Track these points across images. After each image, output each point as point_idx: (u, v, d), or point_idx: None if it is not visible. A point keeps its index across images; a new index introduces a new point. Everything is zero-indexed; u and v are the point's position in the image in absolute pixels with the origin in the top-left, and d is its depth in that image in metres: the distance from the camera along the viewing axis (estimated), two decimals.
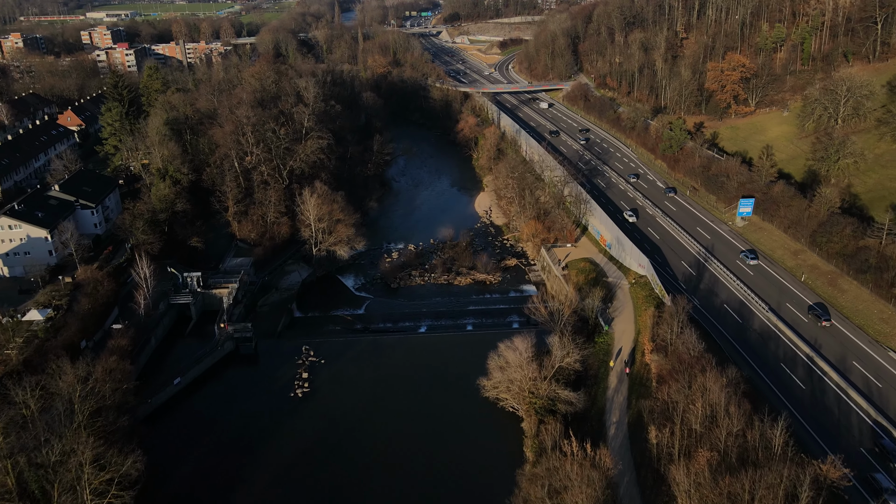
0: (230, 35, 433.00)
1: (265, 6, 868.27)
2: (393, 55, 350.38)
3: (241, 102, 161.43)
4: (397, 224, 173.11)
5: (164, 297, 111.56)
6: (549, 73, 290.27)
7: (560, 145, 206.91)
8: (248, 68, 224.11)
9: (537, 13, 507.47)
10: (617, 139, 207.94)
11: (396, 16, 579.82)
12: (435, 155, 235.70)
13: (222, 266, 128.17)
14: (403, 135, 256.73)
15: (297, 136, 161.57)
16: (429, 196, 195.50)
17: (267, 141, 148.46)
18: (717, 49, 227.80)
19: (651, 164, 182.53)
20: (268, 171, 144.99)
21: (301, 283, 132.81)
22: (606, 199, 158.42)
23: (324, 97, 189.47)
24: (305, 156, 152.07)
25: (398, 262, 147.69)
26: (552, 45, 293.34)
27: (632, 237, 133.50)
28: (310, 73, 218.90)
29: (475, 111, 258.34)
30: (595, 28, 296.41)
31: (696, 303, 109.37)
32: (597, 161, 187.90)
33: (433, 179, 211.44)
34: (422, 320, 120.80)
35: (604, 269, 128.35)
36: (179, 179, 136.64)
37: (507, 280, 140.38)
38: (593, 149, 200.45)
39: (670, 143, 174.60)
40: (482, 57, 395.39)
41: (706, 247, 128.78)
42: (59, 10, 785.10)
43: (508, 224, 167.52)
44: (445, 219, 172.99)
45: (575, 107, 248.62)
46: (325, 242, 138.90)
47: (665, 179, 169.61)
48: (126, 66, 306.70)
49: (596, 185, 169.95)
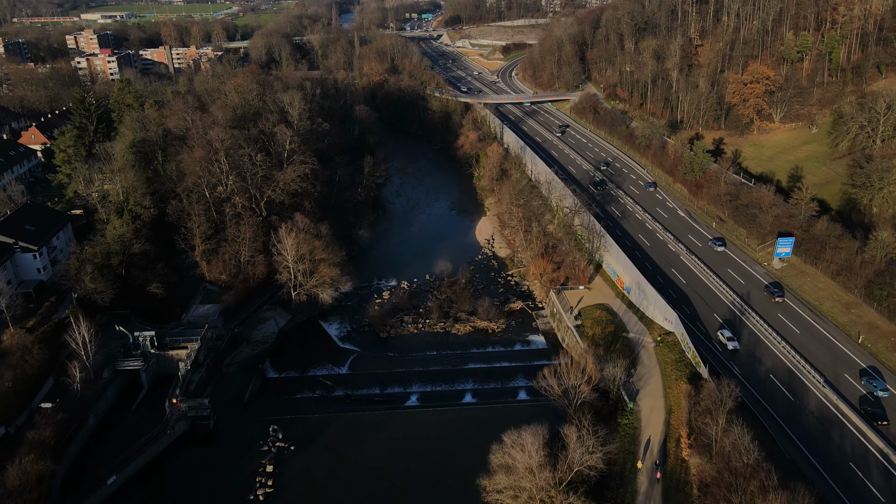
0: (222, 39, 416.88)
1: (263, 7, 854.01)
2: (391, 61, 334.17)
3: (215, 123, 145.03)
4: (390, 255, 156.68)
5: (109, 363, 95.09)
6: (556, 83, 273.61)
7: (569, 164, 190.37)
8: (231, 79, 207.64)
9: (541, 16, 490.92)
10: (630, 157, 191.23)
11: (396, 18, 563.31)
12: (433, 172, 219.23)
13: (186, 316, 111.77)
14: (400, 149, 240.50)
15: (278, 159, 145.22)
16: (426, 221, 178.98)
17: (242, 168, 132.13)
18: (736, 58, 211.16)
19: (670, 187, 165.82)
20: (242, 203, 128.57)
21: (277, 333, 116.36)
22: (623, 232, 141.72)
23: (311, 114, 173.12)
24: (286, 184, 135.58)
25: (389, 304, 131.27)
26: (558, 52, 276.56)
27: (653, 280, 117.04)
28: (298, 84, 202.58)
29: (476, 124, 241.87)
30: (603, 34, 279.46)
31: (735, 370, 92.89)
32: (609, 184, 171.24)
33: (431, 201, 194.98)
34: (413, 384, 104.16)
35: (623, 321, 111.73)
36: (140, 214, 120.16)
37: (512, 328, 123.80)
38: (603, 168, 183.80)
39: (692, 165, 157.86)
40: (484, 62, 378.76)
41: (741, 294, 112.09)
42: (53, 11, 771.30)
43: (513, 257, 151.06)
44: (443, 249, 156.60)
45: (583, 120, 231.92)
46: (305, 285, 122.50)
47: (687, 207, 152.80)
48: (108, 75, 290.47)
49: (610, 213, 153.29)
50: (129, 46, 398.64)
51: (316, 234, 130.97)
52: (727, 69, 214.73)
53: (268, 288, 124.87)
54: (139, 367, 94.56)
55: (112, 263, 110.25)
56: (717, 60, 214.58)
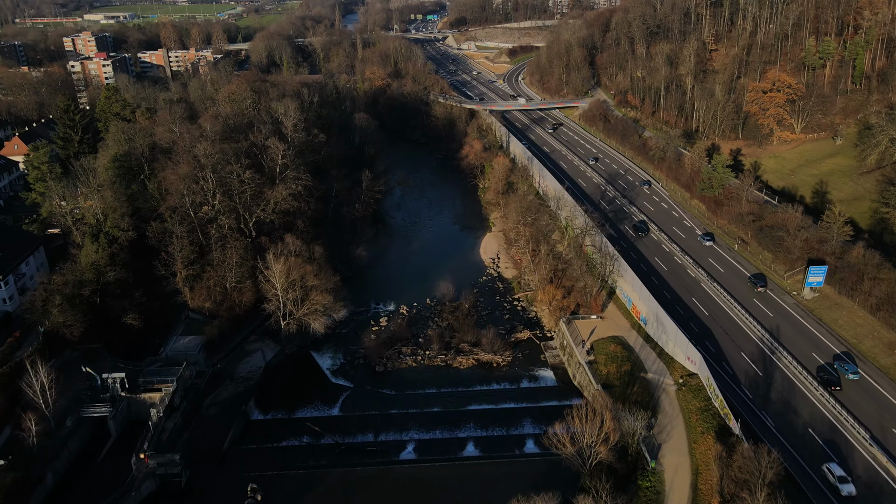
0: (222, 41, 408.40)
1: (268, 7, 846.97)
2: (394, 65, 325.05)
3: (203, 135, 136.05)
4: (389, 275, 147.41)
5: (74, 408, 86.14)
6: (564, 88, 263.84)
7: (578, 176, 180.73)
8: (226, 85, 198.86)
9: (548, 17, 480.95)
10: (644, 170, 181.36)
11: (401, 19, 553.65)
12: (436, 183, 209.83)
13: (164, 350, 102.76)
14: (402, 158, 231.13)
15: (270, 175, 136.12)
16: (427, 237, 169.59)
17: (230, 186, 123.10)
18: (753, 64, 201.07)
19: (686, 204, 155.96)
20: (229, 224, 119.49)
21: (264, 368, 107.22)
22: (637, 255, 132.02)
23: (307, 124, 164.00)
24: (276, 203, 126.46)
25: (386, 333, 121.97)
26: (567, 56, 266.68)
27: (672, 311, 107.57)
28: (295, 91, 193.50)
29: (482, 131, 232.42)
30: (613, 38, 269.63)
31: (769, 422, 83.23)
32: (622, 199, 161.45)
33: (433, 214, 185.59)
34: (410, 430, 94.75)
35: (640, 358, 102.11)
36: (117, 237, 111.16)
37: (519, 361, 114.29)
38: (617, 182, 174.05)
39: (710, 181, 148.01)
40: (490, 66, 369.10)
41: (770, 330, 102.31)
42: (56, 12, 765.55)
43: (520, 278, 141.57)
44: (445, 269, 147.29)
45: (593, 128, 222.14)
46: (296, 314, 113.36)
47: (705, 227, 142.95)
48: (103, 79, 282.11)
49: (623, 232, 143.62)
50: (128, 49, 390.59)
51: (308, 258, 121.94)
52: (744, 75, 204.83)
53: (256, 316, 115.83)
54: (106, 413, 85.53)
55: (84, 293, 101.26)
56: (734, 66, 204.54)
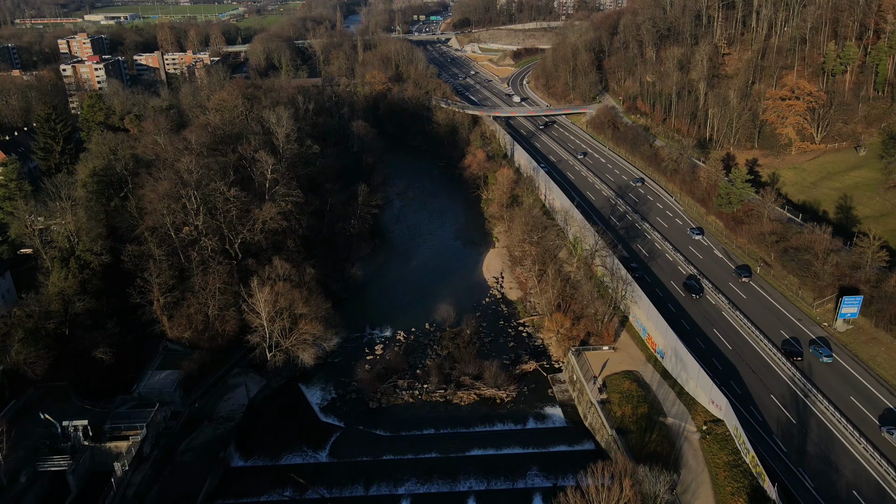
0: (220, 43, 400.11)
1: (270, 8, 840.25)
2: (395, 68, 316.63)
3: (187, 148, 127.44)
4: (387, 296, 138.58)
5: (30, 461, 77.54)
6: (570, 93, 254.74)
7: (586, 188, 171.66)
8: (219, 91, 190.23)
9: (553, 19, 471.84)
10: (656, 182, 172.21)
11: (403, 20, 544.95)
12: (437, 193, 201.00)
13: (138, 388, 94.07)
14: (402, 166, 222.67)
15: (259, 191, 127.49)
16: (428, 253, 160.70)
17: (214, 204, 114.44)
18: (768, 68, 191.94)
19: (702, 219, 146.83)
20: (212, 246, 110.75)
21: (247, 405, 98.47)
22: (652, 278, 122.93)
23: (300, 134, 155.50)
24: (264, 223, 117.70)
25: (381, 363, 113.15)
26: (573, 60, 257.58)
27: (692, 343, 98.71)
28: (290, 98, 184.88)
29: (485, 139, 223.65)
30: (622, 41, 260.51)
31: (807, 482, 74.17)
32: (633, 215, 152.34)
33: (434, 228, 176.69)
34: (404, 480, 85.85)
35: (658, 398, 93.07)
36: (89, 262, 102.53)
37: (524, 396, 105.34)
38: (628, 195, 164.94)
39: (729, 197, 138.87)
40: (494, 69, 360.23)
41: (802, 370, 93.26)
42: (57, 13, 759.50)
43: (525, 300, 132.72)
44: (446, 289, 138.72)
45: (601, 136, 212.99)
46: (283, 344, 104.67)
47: (724, 246, 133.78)
48: (95, 83, 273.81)
49: (636, 251, 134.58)
50: (125, 51, 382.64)
51: (298, 282, 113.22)
52: (759, 81, 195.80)
53: (240, 346, 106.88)
54: (65, 467, 76.87)
55: (49, 326, 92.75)
56: (748, 71, 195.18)
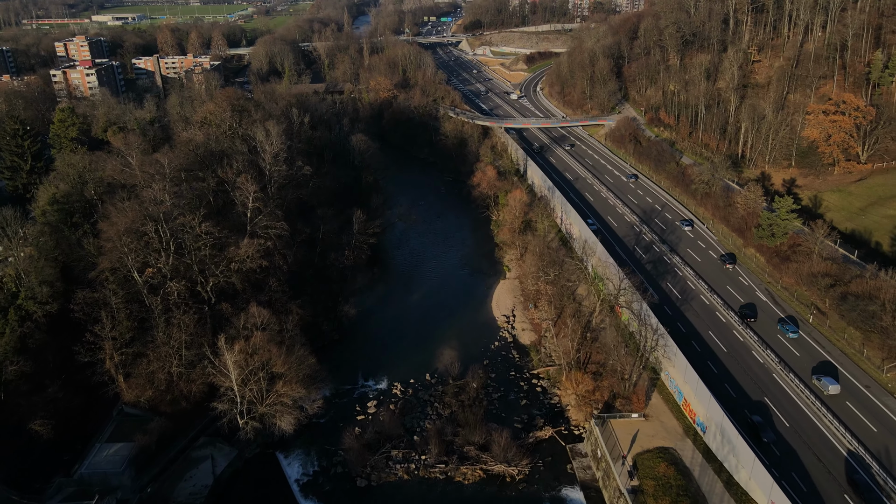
0: (222, 46, 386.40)
1: (279, 8, 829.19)
2: (402, 73, 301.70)
3: (159, 173, 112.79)
4: (383, 338, 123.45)
5: None
6: (587, 103, 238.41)
7: (607, 213, 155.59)
8: (210, 101, 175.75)
9: (568, 21, 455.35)
10: (683, 205, 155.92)
11: (413, 22, 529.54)
12: (444, 213, 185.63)
13: (79, 469, 79.64)
14: (407, 181, 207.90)
15: (239, 221, 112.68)
16: (431, 284, 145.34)
17: (183, 241, 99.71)
18: (806, 78, 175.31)
19: (739, 252, 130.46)
20: (179, 291, 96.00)
21: (213, 484, 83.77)
22: (688, 327, 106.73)
23: (292, 151, 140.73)
24: (241, 262, 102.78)
25: (374, 426, 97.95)
26: (591, 67, 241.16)
27: (739, 415, 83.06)
28: (282, 111, 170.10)
29: (496, 152, 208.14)
30: (642, 46, 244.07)
31: None
32: (660, 245, 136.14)
33: (439, 252, 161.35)
34: None
35: (701, 488, 77.11)
36: (32, 313, 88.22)
37: (539, 473, 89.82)
38: (653, 221, 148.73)
39: (771, 229, 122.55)
40: (506, 74, 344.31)
41: (875, 453, 77.15)
42: (64, 13, 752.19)
43: (539, 346, 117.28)
44: (450, 330, 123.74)
45: (622, 150, 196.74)
46: (257, 409, 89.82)
47: (768, 286, 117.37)
48: (87, 90, 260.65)
49: (666, 291, 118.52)
50: (124, 54, 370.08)
51: (279, 330, 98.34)
52: (794, 91, 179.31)
53: (209, 409, 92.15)
54: None
55: None
56: (783, 81, 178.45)
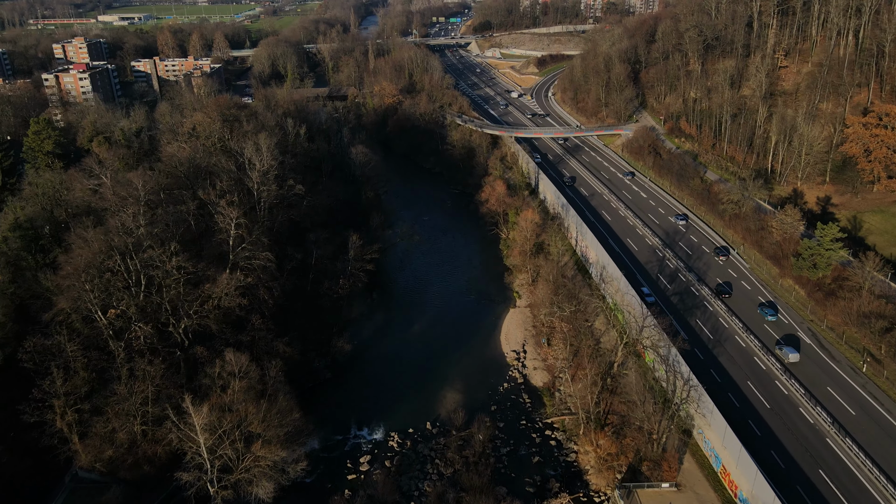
0: (224, 47, 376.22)
1: (287, 8, 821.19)
2: (408, 77, 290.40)
3: (132, 196, 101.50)
4: (380, 376, 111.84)
5: None
6: (602, 110, 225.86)
7: (626, 234, 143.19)
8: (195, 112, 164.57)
9: (580, 22, 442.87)
10: (708, 224, 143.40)
11: (422, 22, 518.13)
12: (449, 229, 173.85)
13: None
14: (411, 193, 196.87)
15: (220, 250, 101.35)
16: (435, 312, 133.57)
17: (154, 276, 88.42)
18: (840, 86, 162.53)
19: (773, 283, 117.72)
20: (146, 335, 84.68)
21: None
22: (724, 376, 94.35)
23: (282, 170, 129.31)
24: (219, 300, 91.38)
25: (366, 488, 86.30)
26: (606, 73, 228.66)
27: (791, 493, 70.74)
28: (277, 122, 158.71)
29: (505, 162, 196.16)
30: (661, 50, 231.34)
31: None
32: (687, 273, 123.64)
33: (444, 274, 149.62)
34: None
35: None
36: None
37: None
38: (677, 244, 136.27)
39: (813, 259, 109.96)
40: (516, 77, 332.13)
41: None
42: (70, 13, 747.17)
43: (553, 390, 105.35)
44: (454, 367, 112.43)
45: (640, 163, 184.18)
46: (231, 476, 78.37)
47: (811, 326, 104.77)
48: (80, 95, 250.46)
49: (695, 329, 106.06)
50: (124, 56, 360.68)
51: (259, 378, 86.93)
52: (825, 99, 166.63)
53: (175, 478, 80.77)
54: None
55: None
56: (817, 89, 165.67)
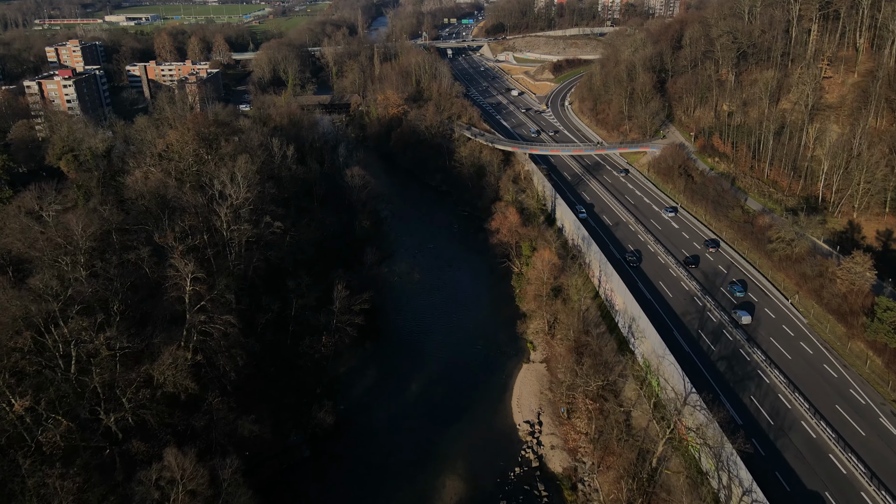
0: (225, 51, 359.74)
1: (297, 9, 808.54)
2: (415, 83, 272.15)
3: (71, 244, 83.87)
4: (368, 457, 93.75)
5: None
6: (625, 123, 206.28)
7: (658, 276, 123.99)
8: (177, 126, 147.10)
9: (597, 24, 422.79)
10: (752, 264, 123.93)
11: (433, 23, 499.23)
12: (455, 259, 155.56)
13: None
14: (415, 216, 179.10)
15: (172, 311, 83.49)
16: (437, 367, 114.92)
17: (78, 355, 70.74)
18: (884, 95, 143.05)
19: (840, 346, 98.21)
20: (61, 434, 66.92)
21: None
22: (795, 484, 75.12)
23: (260, 201, 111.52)
24: (164, 379, 73.41)
25: None
26: (629, 82, 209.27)
27: None
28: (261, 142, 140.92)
29: (519, 185, 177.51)
30: (688, 57, 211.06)
31: None
32: (733, 330, 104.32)
33: (449, 317, 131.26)
34: None
35: None
36: None
37: None
38: (717, 290, 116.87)
39: (893, 325, 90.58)
40: (530, 83, 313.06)
41: None
42: (77, 13, 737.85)
43: (574, 479, 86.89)
44: (457, 443, 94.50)
45: (670, 185, 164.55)
46: None
47: (893, 409, 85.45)
48: (64, 103, 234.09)
49: (752, 412, 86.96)
50: (120, 60, 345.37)
51: (210, 481, 69.02)
52: (879, 115, 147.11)
53: None
54: None
55: None
56: (870, 103, 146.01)
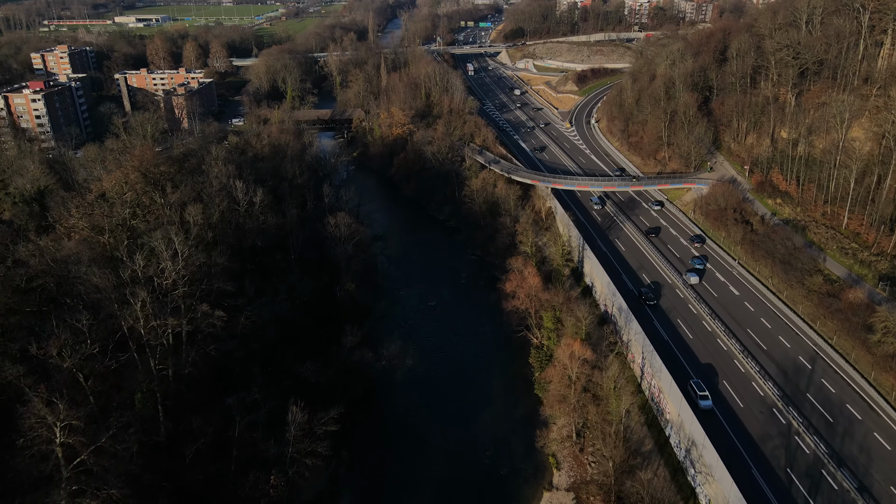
0: (223, 57, 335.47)
1: (311, 10, 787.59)
2: (425, 97, 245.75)
3: None
4: None
5: None
6: (662, 150, 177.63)
7: (722, 368, 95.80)
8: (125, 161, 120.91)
9: (624, 29, 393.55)
10: (845, 357, 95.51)
11: (449, 27, 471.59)
12: (462, 327, 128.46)
13: None
14: (415, 262, 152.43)
15: (41, 471, 57.26)
16: (428, 500, 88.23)
17: None
18: None
19: None
20: None
21: None
22: None
23: (207, 272, 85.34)
24: None
25: None
26: (667, 100, 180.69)
27: None
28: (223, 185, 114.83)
29: (539, 223, 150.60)
30: (735, 72, 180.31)
31: None
32: (836, 467, 76.28)
33: (450, 412, 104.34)
34: None
35: None
36: None
37: None
38: (806, 395, 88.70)
39: None
40: (551, 96, 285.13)
41: None
42: (86, 13, 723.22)
43: None
44: None
45: (723, 233, 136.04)
46: None
47: None
48: (33, 121, 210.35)
49: None
50: (111, 67, 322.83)
51: None
52: None
53: None
54: None
55: None
56: None
